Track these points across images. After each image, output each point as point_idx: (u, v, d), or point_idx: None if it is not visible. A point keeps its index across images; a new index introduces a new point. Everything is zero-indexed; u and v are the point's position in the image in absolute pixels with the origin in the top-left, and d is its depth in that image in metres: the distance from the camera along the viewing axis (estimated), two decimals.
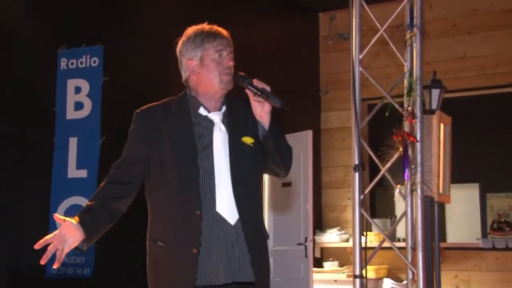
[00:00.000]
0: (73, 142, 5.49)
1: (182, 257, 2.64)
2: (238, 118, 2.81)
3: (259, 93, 2.70)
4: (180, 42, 2.87)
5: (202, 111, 2.78)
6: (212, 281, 2.65)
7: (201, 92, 2.80)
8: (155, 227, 2.75)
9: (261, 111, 2.73)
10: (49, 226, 5.48)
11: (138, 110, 2.83)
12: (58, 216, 2.63)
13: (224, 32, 2.84)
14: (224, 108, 2.82)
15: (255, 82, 2.73)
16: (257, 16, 7.03)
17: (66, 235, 2.59)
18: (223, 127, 2.77)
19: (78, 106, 5.56)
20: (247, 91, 2.73)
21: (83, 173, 5.42)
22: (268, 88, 2.72)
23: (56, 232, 2.60)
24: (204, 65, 2.77)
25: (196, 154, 2.71)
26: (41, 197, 5.51)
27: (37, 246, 2.56)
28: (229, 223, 2.68)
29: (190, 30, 2.85)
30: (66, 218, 2.61)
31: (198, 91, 2.81)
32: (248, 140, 2.77)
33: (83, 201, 5.38)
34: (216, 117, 2.78)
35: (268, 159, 2.81)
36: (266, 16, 7.20)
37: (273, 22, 7.29)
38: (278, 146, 2.78)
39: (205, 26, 2.84)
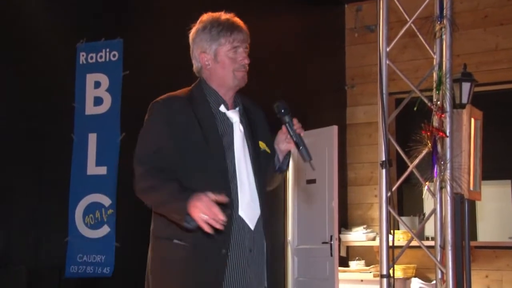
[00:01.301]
0: (92, 138, 5.44)
1: (209, 257, 2.50)
2: (253, 121, 2.74)
3: (294, 139, 2.65)
4: (194, 29, 2.74)
5: (222, 108, 2.68)
6: (237, 286, 2.55)
7: (215, 87, 2.70)
8: (171, 224, 2.53)
9: (285, 147, 2.70)
10: (67, 225, 5.44)
11: (158, 99, 2.66)
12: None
13: (242, 25, 2.72)
14: (238, 108, 2.73)
15: (295, 122, 2.65)
16: (281, 8, 6.95)
17: None
18: (241, 127, 2.69)
19: (98, 101, 5.51)
20: (284, 126, 2.66)
21: (102, 170, 5.37)
22: (302, 133, 2.66)
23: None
24: (217, 61, 2.67)
25: (224, 150, 2.60)
26: (60, 195, 5.47)
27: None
28: (249, 227, 2.59)
29: (206, 17, 2.72)
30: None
31: (211, 85, 2.71)
32: (263, 145, 2.71)
33: (102, 199, 5.34)
34: (234, 115, 2.69)
35: (268, 173, 2.77)
36: (290, 8, 7.12)
37: (298, 14, 7.20)
38: (282, 175, 2.79)
39: (221, 15, 2.71)
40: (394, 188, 4.32)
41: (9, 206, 5.46)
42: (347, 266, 7.14)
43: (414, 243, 4.42)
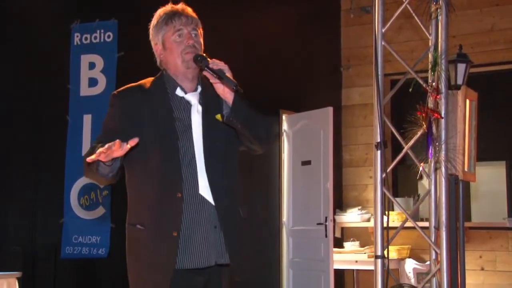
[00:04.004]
0: (87, 119, 5.43)
1: (162, 240, 2.63)
2: (211, 96, 2.76)
3: (214, 75, 2.65)
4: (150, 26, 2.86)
5: (179, 92, 2.75)
6: (193, 264, 2.65)
7: (172, 75, 2.77)
8: (134, 211, 2.72)
9: (223, 90, 2.69)
10: (63, 206, 5.44)
11: (115, 92, 2.78)
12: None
13: (185, 10, 2.79)
14: (199, 88, 2.79)
15: (211, 63, 2.67)
16: None
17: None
18: (200, 108, 2.75)
19: (92, 82, 5.50)
20: (205, 72, 2.69)
21: None
22: (225, 68, 2.66)
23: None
24: (166, 48, 2.75)
25: (177, 136, 2.68)
26: (55, 176, 5.47)
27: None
28: (212, 205, 2.67)
29: (157, 13, 2.82)
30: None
31: (170, 74, 2.78)
32: (219, 117, 2.71)
33: None
34: (193, 98, 2.76)
35: (240, 136, 2.77)
36: None
37: None
38: (245, 123, 2.72)
39: (167, 7, 2.80)
40: (389, 170, 4.31)
41: (5, 188, 5.45)
42: (342, 247, 7.15)
43: (409, 224, 4.42)
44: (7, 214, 5.46)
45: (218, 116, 2.69)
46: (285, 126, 7.01)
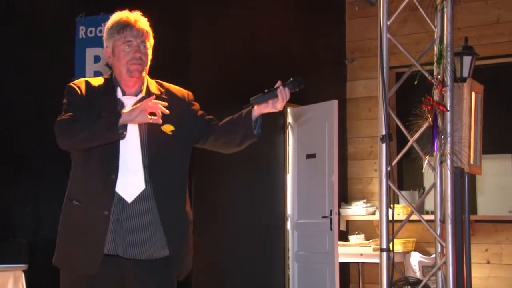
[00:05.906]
0: None
1: (95, 217, 2.83)
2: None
3: (271, 95, 2.87)
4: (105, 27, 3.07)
5: (118, 93, 2.99)
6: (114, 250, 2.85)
7: (117, 77, 3.02)
8: (74, 187, 2.95)
9: (265, 107, 2.92)
10: None
11: (70, 83, 3.01)
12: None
13: (139, 22, 3.00)
14: (140, 95, 2.99)
15: (282, 92, 2.90)
16: None
17: None
18: None
19: (97, 75, 5.48)
20: (280, 88, 2.89)
21: None
22: (277, 102, 2.90)
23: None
24: (115, 55, 2.99)
25: None
26: (60, 168, 5.46)
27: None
28: (125, 200, 2.85)
29: (113, 17, 3.03)
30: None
31: (115, 75, 3.04)
32: (167, 128, 2.93)
33: None
34: (129, 101, 2.97)
35: (232, 137, 3.00)
36: None
37: None
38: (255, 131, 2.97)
39: (123, 15, 3.02)
40: (394, 163, 4.31)
41: (9, 180, 5.47)
42: (347, 240, 7.16)
43: (414, 217, 4.42)
44: (12, 206, 5.48)
45: (166, 127, 2.90)
46: (289, 119, 7.00)
